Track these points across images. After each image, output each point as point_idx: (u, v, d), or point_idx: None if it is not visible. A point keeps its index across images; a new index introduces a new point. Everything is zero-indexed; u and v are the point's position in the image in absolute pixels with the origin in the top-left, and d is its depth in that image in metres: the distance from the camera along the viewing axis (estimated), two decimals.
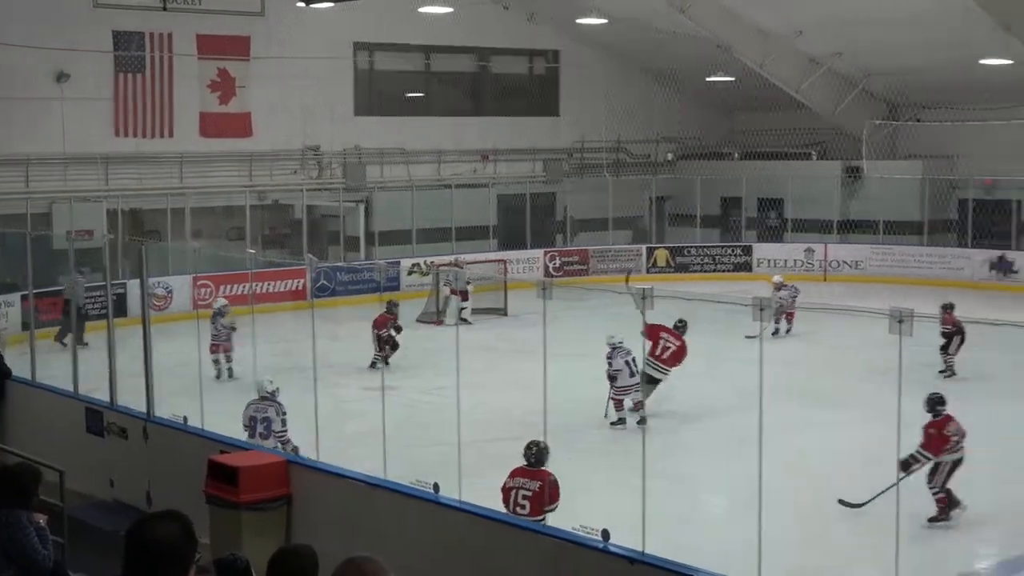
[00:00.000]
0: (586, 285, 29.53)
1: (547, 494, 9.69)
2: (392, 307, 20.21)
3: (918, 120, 33.79)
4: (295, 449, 12.10)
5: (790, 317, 22.51)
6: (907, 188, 32.52)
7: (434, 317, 24.52)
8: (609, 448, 14.82)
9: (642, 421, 14.88)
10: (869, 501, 11.25)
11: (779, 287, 22.58)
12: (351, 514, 10.03)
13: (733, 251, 33.29)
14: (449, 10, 28.37)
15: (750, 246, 33.33)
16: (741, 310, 8.66)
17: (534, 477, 9.78)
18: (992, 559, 11.06)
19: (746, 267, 32.68)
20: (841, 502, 11.87)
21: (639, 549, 7.95)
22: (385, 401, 11.21)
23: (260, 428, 12.08)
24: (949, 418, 11.81)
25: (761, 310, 8.36)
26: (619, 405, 15.86)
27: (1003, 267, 30.13)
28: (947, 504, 11.62)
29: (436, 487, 9.38)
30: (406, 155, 31.43)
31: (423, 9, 28.05)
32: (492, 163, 33.11)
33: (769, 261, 32.56)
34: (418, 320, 24.49)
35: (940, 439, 11.63)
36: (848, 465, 13.46)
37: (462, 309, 24.06)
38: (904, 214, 32.89)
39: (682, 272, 32.36)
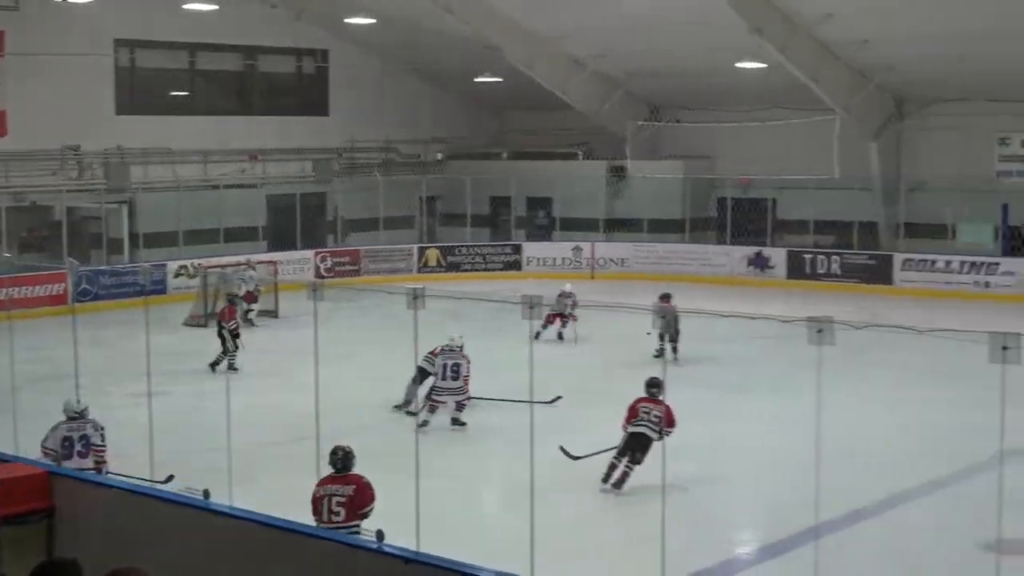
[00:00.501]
0: (358, 286, 29.45)
1: (360, 498, 9.51)
2: (234, 299, 19.99)
3: (678, 121, 34.88)
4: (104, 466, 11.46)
5: (568, 320, 22.58)
6: (669, 187, 33.54)
7: (202, 320, 23.98)
8: (384, 449, 14.78)
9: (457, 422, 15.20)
10: (586, 456, 12.12)
11: (566, 295, 22.56)
12: (117, 525, 9.72)
13: (503, 250, 33.67)
14: (215, 7, 27.82)
15: (520, 245, 33.78)
16: (512, 308, 8.77)
17: (345, 482, 9.58)
18: (751, 545, 11.49)
19: (516, 266, 33.11)
20: (561, 449, 12.73)
21: (414, 548, 7.97)
22: (153, 406, 10.93)
23: (78, 447, 11.36)
24: (658, 402, 12.44)
25: (531, 308, 8.48)
26: (432, 407, 15.40)
27: (760, 263, 31.38)
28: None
29: (206, 493, 9.17)
30: (171, 155, 30.63)
31: (188, 5, 27.45)
32: (261, 163, 32.62)
33: (539, 260, 33.09)
34: (184, 324, 23.98)
35: (631, 413, 12.69)
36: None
37: (248, 312, 23.74)
38: (666, 213, 33.91)
39: (453, 271, 32.57)
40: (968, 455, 13.36)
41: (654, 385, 12.76)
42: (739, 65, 28.76)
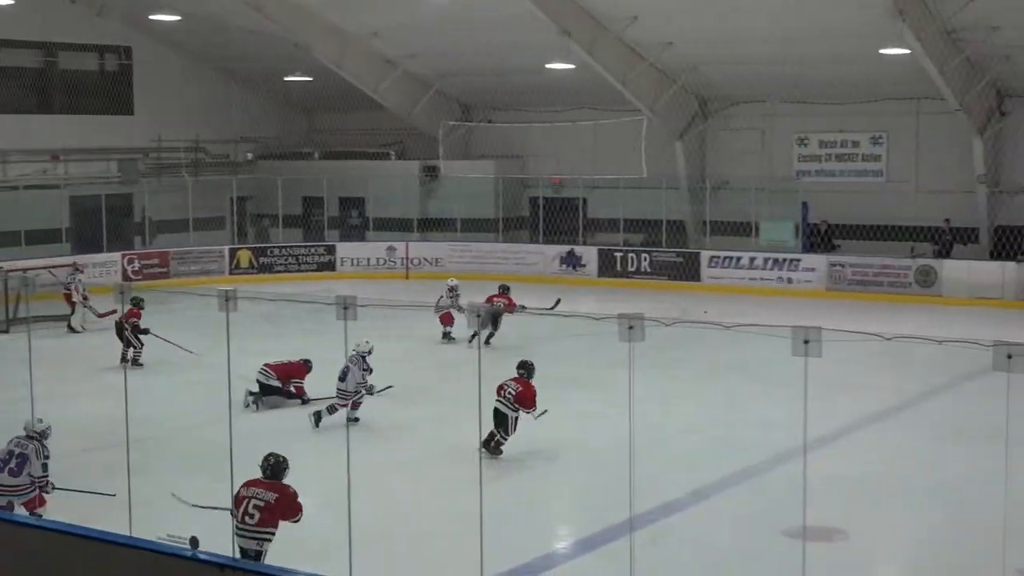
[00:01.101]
0: (167, 288, 28.79)
1: (285, 507, 9.34)
2: (139, 301, 19.53)
3: (490, 121, 35.14)
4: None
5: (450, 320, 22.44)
6: (482, 187, 33.77)
7: (3, 326, 23.08)
8: (196, 453, 14.51)
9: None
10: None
11: (452, 289, 22.39)
12: None
13: (316, 251, 33.34)
14: (11, 1, 26.88)
15: (333, 245, 33.50)
16: (327, 309, 8.71)
17: (270, 489, 9.40)
18: (568, 540, 11.64)
19: (330, 266, 32.84)
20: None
21: (230, 555, 7.86)
22: None
23: (12, 463, 10.82)
24: (521, 381, 13.69)
25: (345, 308, 8.42)
26: (331, 409, 15.34)
27: (572, 261, 31.80)
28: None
29: (11, 504, 8.90)
30: None
31: None
32: (63, 163, 31.61)
33: (352, 260, 32.90)
34: None
35: (497, 390, 13.53)
36: (438, 459, 13.81)
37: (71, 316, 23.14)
38: (480, 212, 34.13)
39: (266, 272, 32.13)
40: (773, 446, 13.81)
41: (522, 366, 13.86)
42: (549, 66, 29.11)
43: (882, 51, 25.39)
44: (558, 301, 20.99)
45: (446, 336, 22.11)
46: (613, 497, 11.28)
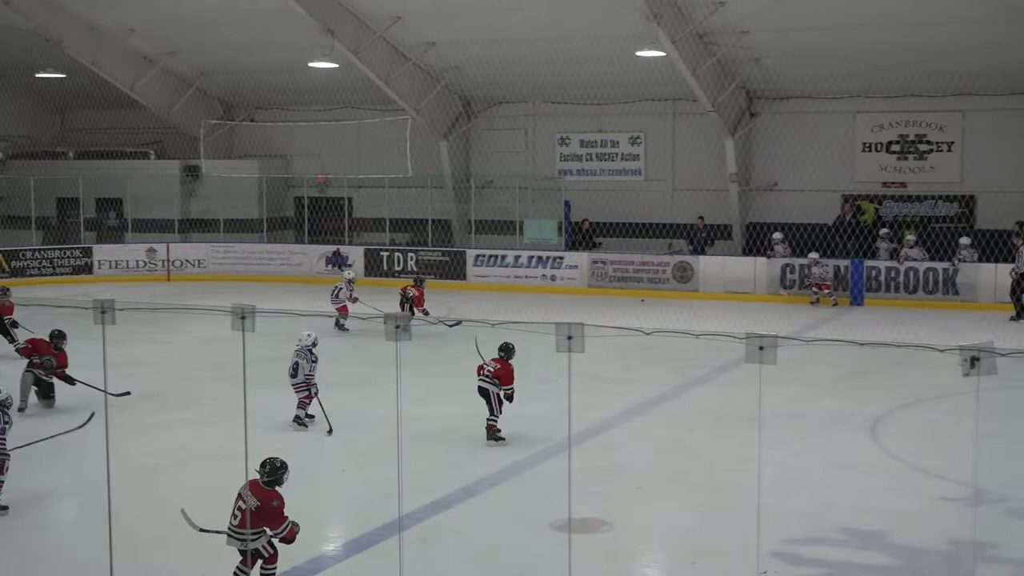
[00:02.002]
0: None
1: (266, 518, 9.06)
2: (5, 292, 19.18)
3: (252, 120, 34.65)
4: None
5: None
6: (245, 187, 33.27)
7: None
8: None
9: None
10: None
11: (349, 282, 23.05)
12: None
13: (72, 254, 32.19)
14: None
15: (90, 248, 32.41)
16: (84, 313, 8.43)
17: (258, 495, 9.09)
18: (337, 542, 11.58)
19: (87, 269, 31.78)
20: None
21: None
22: None
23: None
24: (500, 362, 14.28)
25: (103, 312, 8.17)
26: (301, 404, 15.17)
27: (338, 261, 31.61)
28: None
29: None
30: None
31: None
32: None
33: (111, 263, 31.94)
34: None
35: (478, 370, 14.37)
36: (196, 463, 13.53)
37: None
38: (244, 212, 33.62)
39: (19, 277, 30.83)
40: (540, 440, 14.04)
41: (502, 349, 14.34)
42: (312, 65, 28.87)
43: (638, 53, 26.14)
44: (458, 322, 21.27)
45: (339, 326, 22.40)
46: (381, 496, 11.29)
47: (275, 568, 9.28)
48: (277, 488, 9.25)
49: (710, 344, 15.18)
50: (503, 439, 14.13)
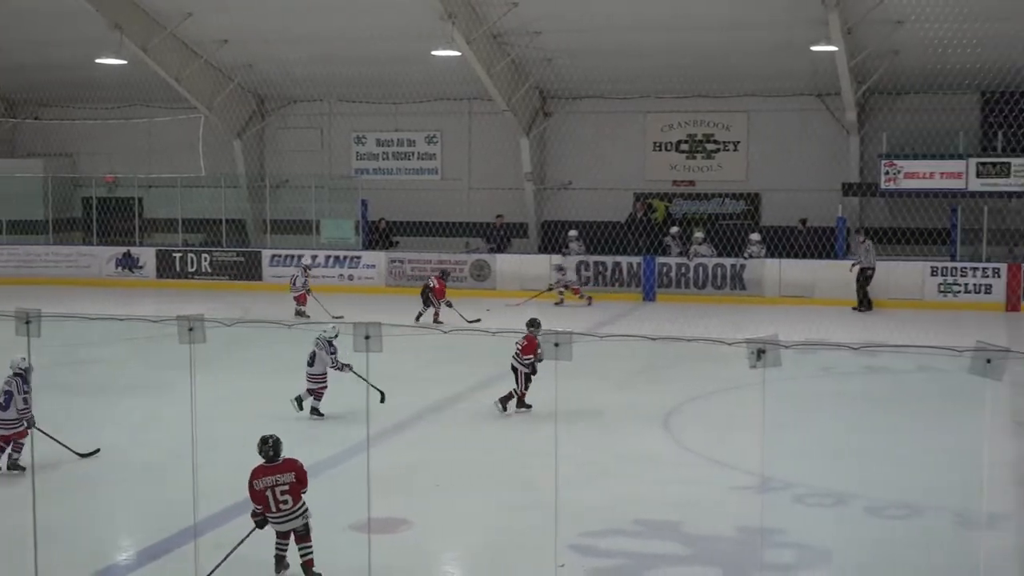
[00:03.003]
0: None
1: (302, 480, 9.69)
2: None
3: (36, 118, 33.49)
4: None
5: None
6: (29, 187, 32.13)
7: None
8: None
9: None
10: None
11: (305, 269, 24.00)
12: None
13: None
14: None
15: None
16: None
17: (282, 470, 9.62)
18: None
19: None
20: None
21: None
22: None
23: (1, 399, 12.46)
24: (528, 336, 15.26)
25: None
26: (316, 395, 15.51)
27: (128, 263, 30.82)
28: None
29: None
30: None
31: None
32: None
33: None
34: None
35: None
36: None
37: None
38: (28, 213, 32.47)
39: None
40: (340, 440, 13.95)
41: (531, 323, 15.64)
42: (99, 61, 28.05)
43: (434, 53, 26.24)
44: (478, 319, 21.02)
45: (300, 313, 23.09)
46: (179, 501, 11.05)
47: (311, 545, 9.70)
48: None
49: (509, 341, 15.34)
50: (529, 406, 15.48)
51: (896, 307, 25.71)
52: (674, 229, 28.86)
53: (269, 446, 9.69)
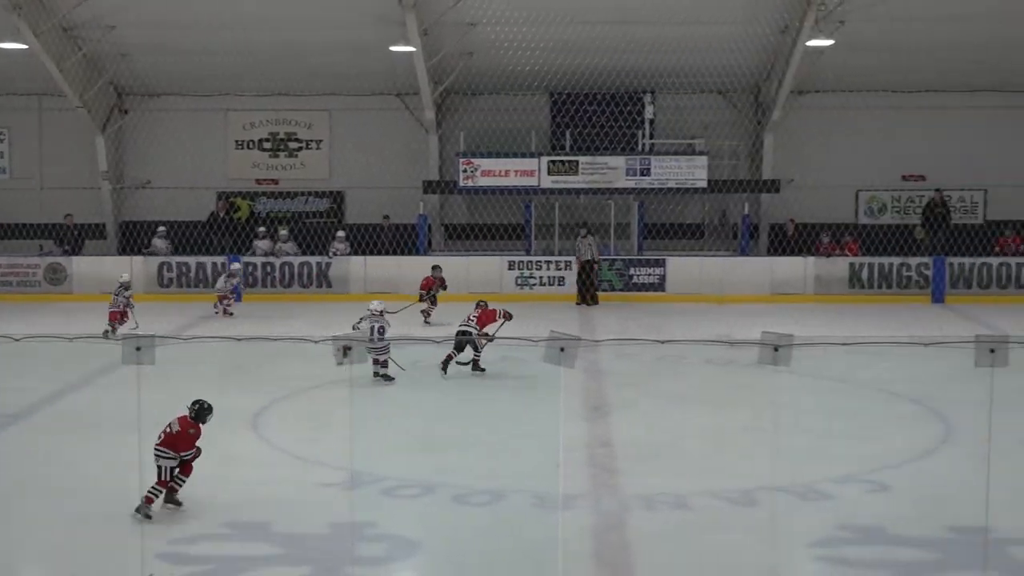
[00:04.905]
0: None
1: (175, 438, 11.06)
2: None
3: None
4: None
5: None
6: None
7: None
8: None
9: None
10: None
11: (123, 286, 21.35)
12: None
13: None
14: None
15: None
16: None
17: (182, 424, 11.17)
18: None
19: None
20: None
21: None
22: None
23: None
24: (480, 307, 18.34)
25: None
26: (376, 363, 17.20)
27: None
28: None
29: None
30: None
31: None
32: None
33: None
34: None
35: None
36: None
37: None
38: None
39: None
40: None
41: (480, 305, 18.40)
42: None
43: None
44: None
45: (107, 334, 20.44)
46: None
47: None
48: (200, 424, 11.16)
49: (84, 347, 14.76)
50: (483, 370, 17.87)
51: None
52: (260, 229, 28.62)
53: (194, 409, 11.14)
